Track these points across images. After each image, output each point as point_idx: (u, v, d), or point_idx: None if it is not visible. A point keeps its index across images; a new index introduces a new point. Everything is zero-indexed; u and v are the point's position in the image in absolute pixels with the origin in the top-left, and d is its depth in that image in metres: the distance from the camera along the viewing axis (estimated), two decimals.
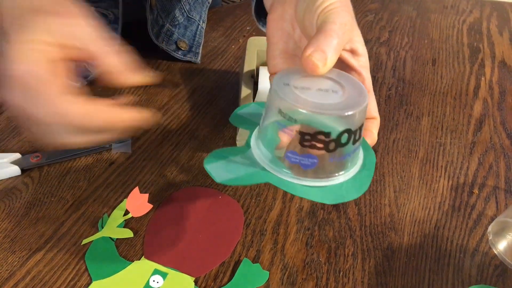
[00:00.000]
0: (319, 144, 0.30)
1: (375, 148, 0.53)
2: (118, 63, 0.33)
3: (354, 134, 0.30)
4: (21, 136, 0.53)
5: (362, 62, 0.35)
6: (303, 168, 0.31)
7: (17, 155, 0.49)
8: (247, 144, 0.35)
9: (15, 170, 0.47)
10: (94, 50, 0.33)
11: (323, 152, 0.30)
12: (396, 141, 0.54)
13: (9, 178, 0.47)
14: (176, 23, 0.69)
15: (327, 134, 0.30)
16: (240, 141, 0.49)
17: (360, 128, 0.31)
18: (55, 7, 0.32)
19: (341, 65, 0.35)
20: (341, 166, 0.32)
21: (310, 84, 0.31)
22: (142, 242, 0.42)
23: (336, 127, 0.30)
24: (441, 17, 0.82)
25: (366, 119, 0.35)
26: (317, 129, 0.30)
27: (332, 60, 0.31)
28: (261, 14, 0.48)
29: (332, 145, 0.30)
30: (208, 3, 0.74)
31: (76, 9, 0.33)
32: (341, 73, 0.33)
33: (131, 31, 0.71)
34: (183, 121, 0.56)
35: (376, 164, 0.51)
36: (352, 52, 0.35)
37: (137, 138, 0.53)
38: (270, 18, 0.38)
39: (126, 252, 0.41)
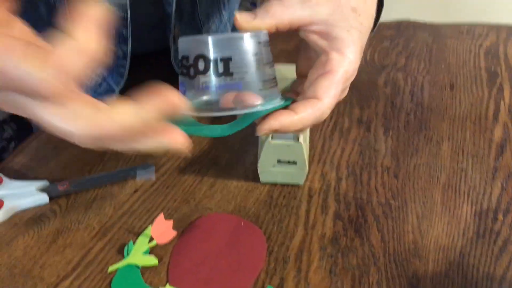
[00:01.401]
0: (184, 70, 0.32)
1: (395, 173, 0.53)
2: None
3: (213, 63, 0.30)
4: (49, 164, 0.54)
5: (336, 46, 0.35)
6: None
7: (45, 183, 0.50)
8: None
9: (44, 198, 0.49)
10: None
11: (187, 78, 0.32)
12: (417, 167, 0.54)
13: (38, 206, 0.49)
14: None
15: (187, 58, 0.31)
16: (261, 167, 0.50)
17: (226, 60, 0.30)
18: None
19: (309, 46, 0.37)
20: (208, 99, 0.32)
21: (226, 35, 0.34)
22: (167, 269, 0.42)
23: (194, 52, 0.31)
24: (457, 42, 0.83)
25: (308, 98, 0.35)
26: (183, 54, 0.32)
27: (265, 22, 0.34)
28: None
29: (191, 71, 0.31)
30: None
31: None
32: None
33: (154, 61, 0.74)
34: (204, 148, 0.57)
35: (397, 190, 0.51)
36: (324, 34, 0.35)
37: (160, 165, 0.54)
38: None
39: (151, 279, 0.42)
